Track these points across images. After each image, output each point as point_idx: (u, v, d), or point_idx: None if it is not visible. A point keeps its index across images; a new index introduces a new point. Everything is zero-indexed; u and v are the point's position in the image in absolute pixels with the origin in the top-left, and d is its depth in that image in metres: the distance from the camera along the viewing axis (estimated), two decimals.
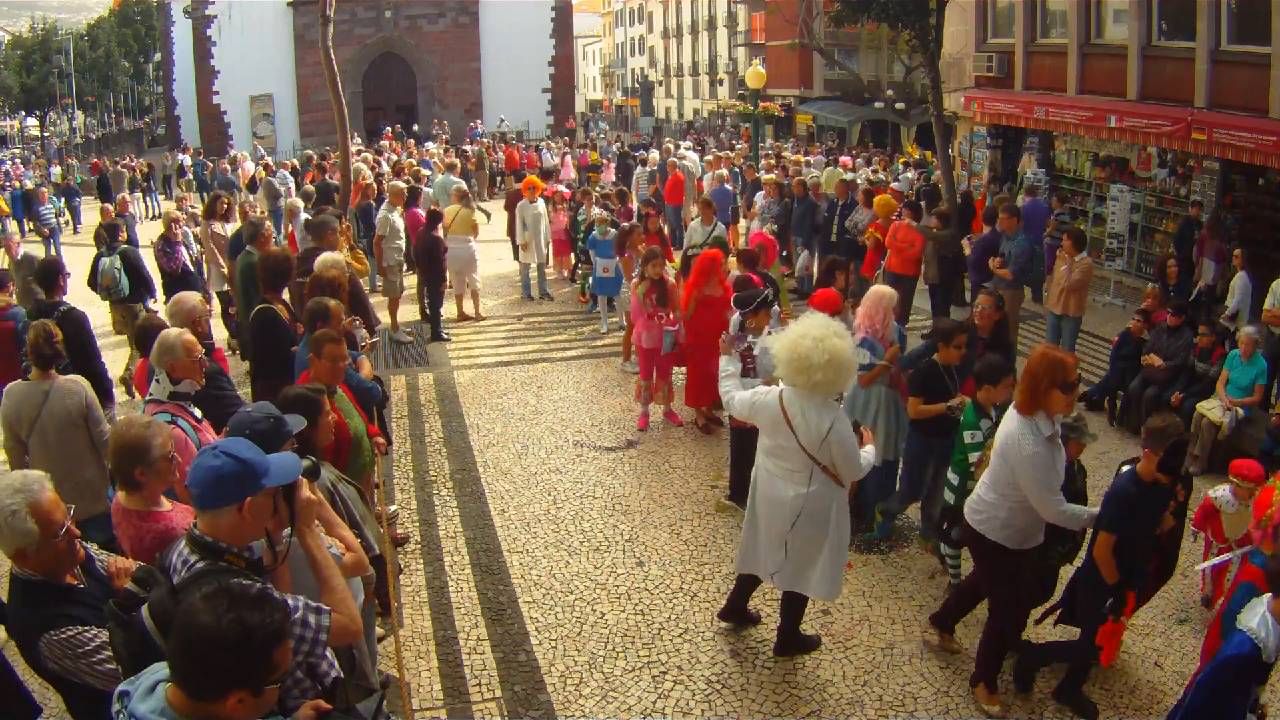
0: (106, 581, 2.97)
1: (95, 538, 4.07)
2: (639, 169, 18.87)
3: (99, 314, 9.11)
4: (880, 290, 6.15)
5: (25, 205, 19.48)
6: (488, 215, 13.86)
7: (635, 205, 13.05)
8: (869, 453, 4.55)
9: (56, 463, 4.69)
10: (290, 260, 6.40)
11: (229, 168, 23.64)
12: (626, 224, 10.20)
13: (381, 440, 5.32)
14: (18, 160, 35.30)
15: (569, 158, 24.63)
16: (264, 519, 2.59)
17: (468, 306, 11.80)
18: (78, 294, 8.07)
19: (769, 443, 4.55)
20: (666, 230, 12.82)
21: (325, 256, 6.74)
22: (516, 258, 13.26)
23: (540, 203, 12.61)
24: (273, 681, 2.00)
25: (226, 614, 1.92)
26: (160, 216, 20.00)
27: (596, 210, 11.37)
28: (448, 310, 11.61)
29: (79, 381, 5.09)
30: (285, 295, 6.37)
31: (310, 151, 24.46)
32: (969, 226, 12.96)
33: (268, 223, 8.97)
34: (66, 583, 2.82)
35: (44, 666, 2.76)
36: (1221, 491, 5.37)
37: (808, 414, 4.31)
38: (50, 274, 6.70)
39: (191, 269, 9.50)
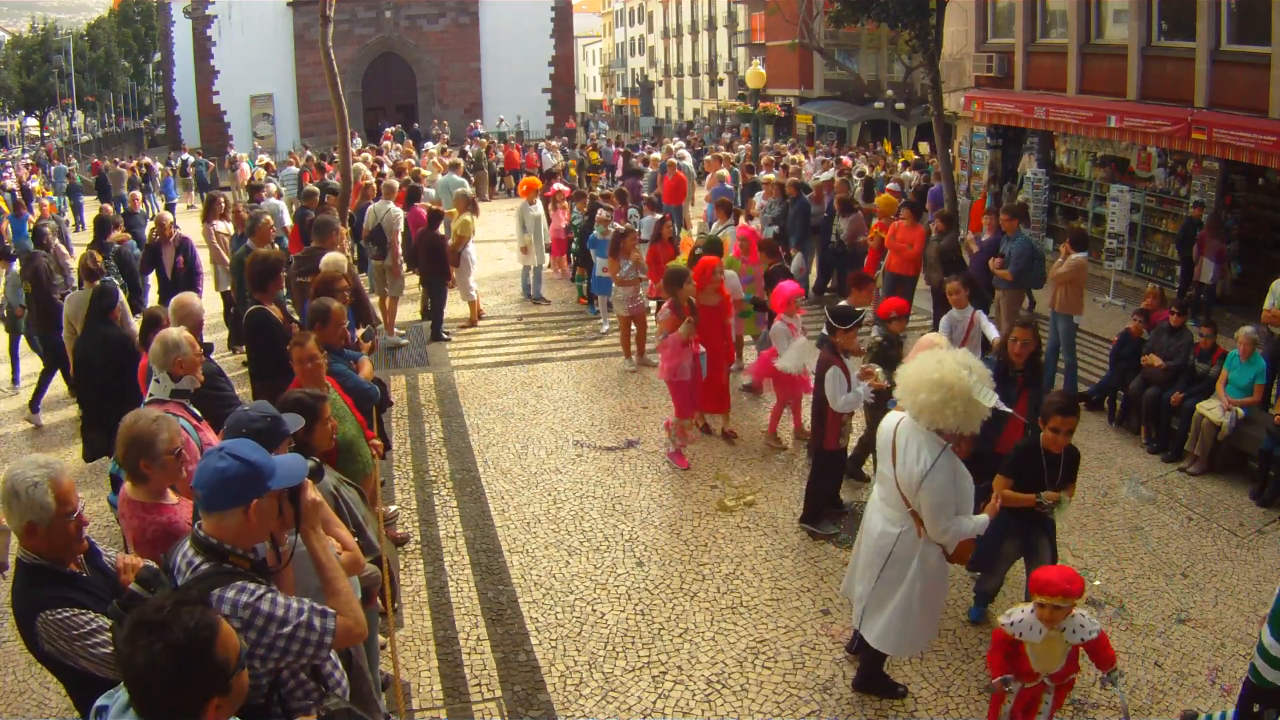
0: (112, 576, 2.99)
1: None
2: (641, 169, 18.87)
3: None
4: (930, 340, 5.50)
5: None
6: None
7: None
8: (977, 522, 4.09)
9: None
10: (279, 260, 6.35)
11: (174, 168, 23.71)
12: (621, 226, 10.23)
13: (378, 443, 5.32)
14: (19, 162, 35.14)
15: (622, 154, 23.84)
16: (269, 521, 2.59)
17: (458, 310, 11.75)
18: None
19: (879, 467, 4.39)
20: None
21: (329, 257, 6.74)
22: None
23: (539, 204, 12.62)
24: (233, 672, 1.99)
25: (151, 647, 1.88)
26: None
27: (599, 211, 11.36)
28: (462, 313, 11.62)
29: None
30: (289, 291, 6.36)
31: (295, 152, 24.42)
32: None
33: (266, 216, 8.99)
34: (69, 569, 2.87)
35: (41, 650, 2.78)
36: (1019, 615, 3.88)
37: (909, 447, 4.01)
38: (104, 225, 9.98)
39: (181, 270, 9.43)
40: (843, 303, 6.40)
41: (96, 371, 6.29)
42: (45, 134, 57.68)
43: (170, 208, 20.89)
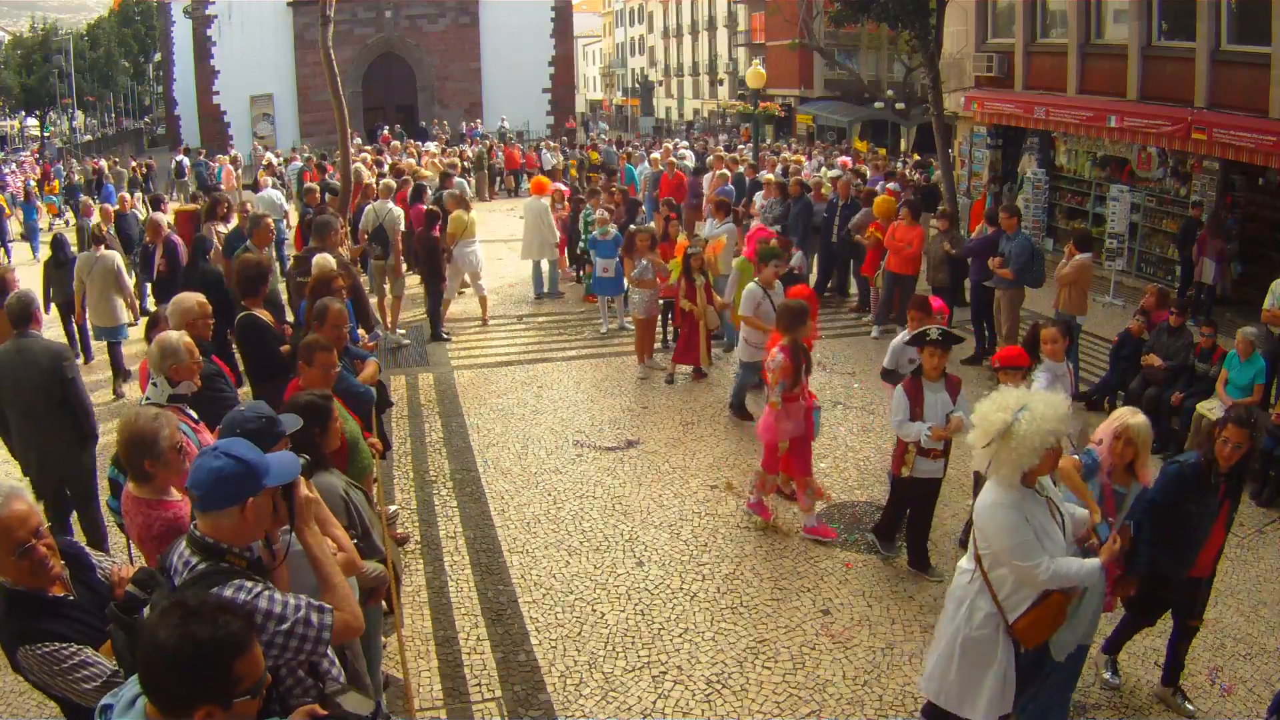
0: (105, 591, 2.87)
1: (113, 340, 9.07)
2: (642, 169, 18.86)
3: None
4: (1128, 417, 4.38)
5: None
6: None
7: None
8: (1085, 566, 3.47)
9: (100, 294, 8.94)
10: (265, 266, 6.34)
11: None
12: (632, 226, 10.20)
13: (377, 443, 5.31)
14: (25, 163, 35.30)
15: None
16: (265, 519, 2.59)
17: (477, 309, 11.69)
18: None
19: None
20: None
21: (319, 258, 6.73)
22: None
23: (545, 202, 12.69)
24: (241, 694, 1.97)
25: (176, 629, 1.90)
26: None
27: (600, 211, 11.34)
28: (459, 311, 11.60)
29: (113, 253, 9.19)
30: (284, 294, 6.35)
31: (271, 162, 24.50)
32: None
33: (267, 218, 9.00)
34: (51, 595, 2.72)
35: (29, 678, 2.71)
36: None
37: (983, 483, 3.66)
38: (156, 204, 12.48)
39: (164, 272, 9.58)
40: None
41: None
42: (45, 134, 57.70)
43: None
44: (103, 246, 9.21)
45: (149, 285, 10.44)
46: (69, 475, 5.49)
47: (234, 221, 10.65)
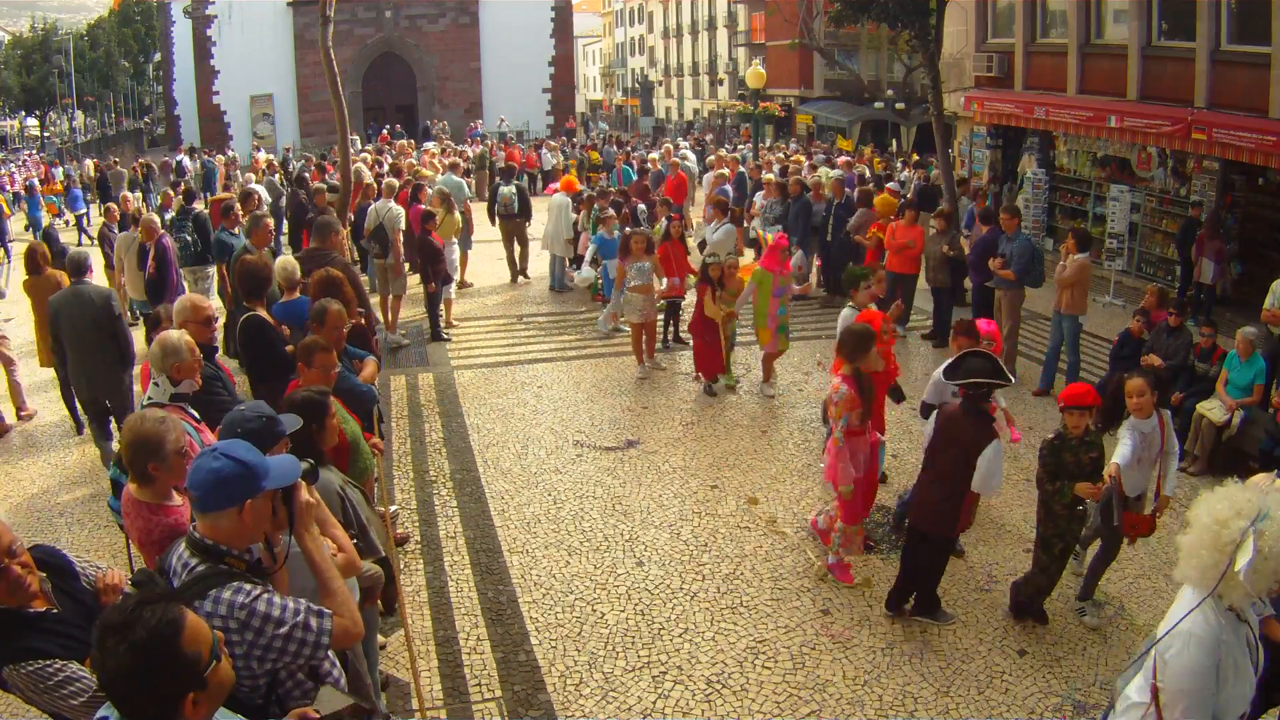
0: (91, 600, 2.83)
1: (147, 311, 9.15)
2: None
3: None
4: (1264, 484, 3.90)
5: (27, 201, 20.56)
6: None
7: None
8: None
9: (135, 272, 9.92)
10: (269, 268, 6.34)
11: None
12: (628, 229, 10.18)
13: (379, 443, 5.31)
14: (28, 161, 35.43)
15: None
16: (264, 521, 2.58)
17: (477, 309, 11.72)
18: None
19: None
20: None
21: (281, 260, 6.75)
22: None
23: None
24: (206, 665, 1.96)
25: (117, 648, 1.87)
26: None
27: (598, 210, 11.34)
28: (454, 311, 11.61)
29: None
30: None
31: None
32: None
33: (267, 219, 8.97)
34: (32, 610, 2.67)
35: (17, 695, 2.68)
36: None
37: (1178, 600, 2.94)
38: (189, 195, 12.72)
39: (152, 274, 9.65)
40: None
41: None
42: (45, 134, 57.75)
43: (79, 220, 20.84)
44: (133, 227, 10.38)
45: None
46: (112, 392, 7.06)
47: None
